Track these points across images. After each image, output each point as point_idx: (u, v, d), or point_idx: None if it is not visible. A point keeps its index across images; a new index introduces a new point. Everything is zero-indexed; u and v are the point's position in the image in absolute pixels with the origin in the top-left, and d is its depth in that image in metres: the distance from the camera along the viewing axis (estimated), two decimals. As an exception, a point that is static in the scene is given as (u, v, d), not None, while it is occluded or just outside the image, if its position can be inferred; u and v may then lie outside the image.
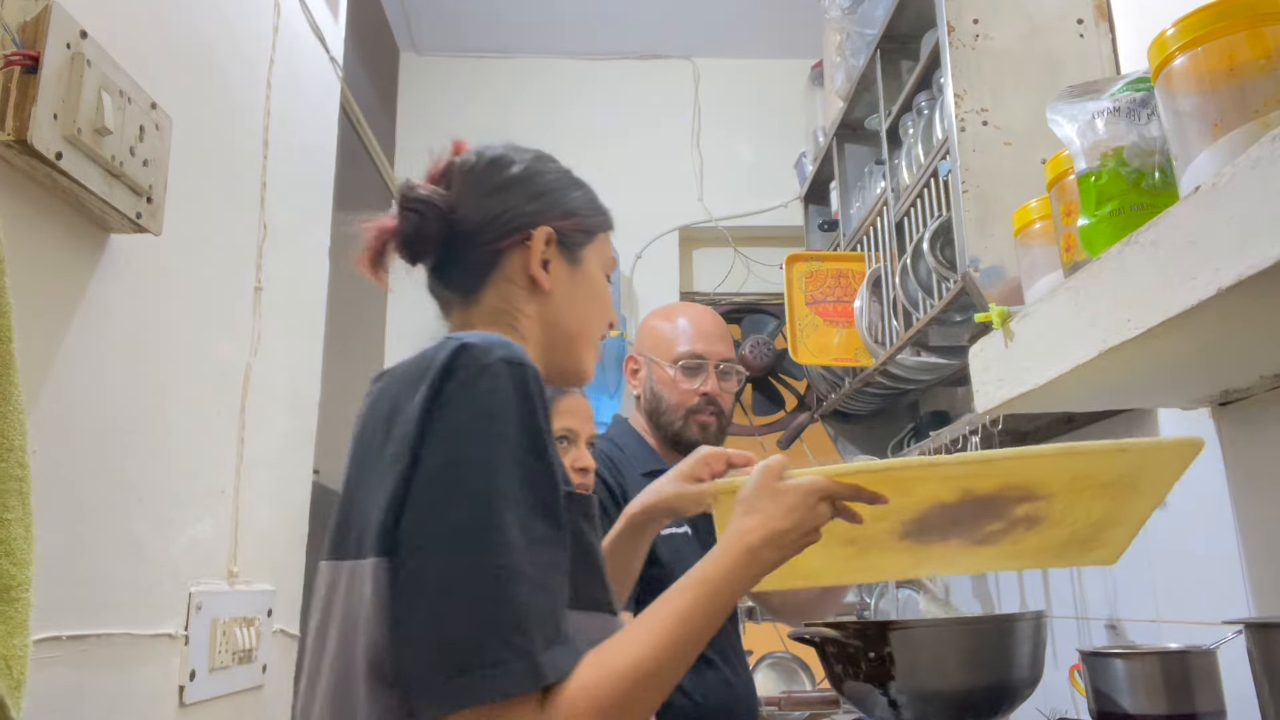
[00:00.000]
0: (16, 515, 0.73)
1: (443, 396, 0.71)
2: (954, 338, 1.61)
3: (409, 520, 0.70)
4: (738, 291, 3.03)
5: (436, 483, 0.70)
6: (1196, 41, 0.79)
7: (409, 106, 3.07)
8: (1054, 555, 1.07)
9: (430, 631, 0.67)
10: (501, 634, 0.65)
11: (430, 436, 0.71)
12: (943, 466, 0.92)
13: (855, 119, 2.14)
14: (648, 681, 0.70)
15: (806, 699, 2.18)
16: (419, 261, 0.93)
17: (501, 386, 0.72)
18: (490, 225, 0.91)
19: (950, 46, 1.44)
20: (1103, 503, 0.99)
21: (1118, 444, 0.92)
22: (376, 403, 0.80)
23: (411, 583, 0.68)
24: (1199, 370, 1.05)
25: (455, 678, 0.65)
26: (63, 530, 0.99)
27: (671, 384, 1.59)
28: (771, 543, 0.81)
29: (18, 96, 0.88)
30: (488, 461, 0.69)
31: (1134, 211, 0.90)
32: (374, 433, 0.77)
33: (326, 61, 1.91)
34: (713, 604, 0.76)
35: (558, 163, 0.99)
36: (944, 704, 1.20)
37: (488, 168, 0.94)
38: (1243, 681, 0.98)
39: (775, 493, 0.83)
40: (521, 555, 0.68)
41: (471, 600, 0.66)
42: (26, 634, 0.73)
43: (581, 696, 0.67)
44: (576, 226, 0.95)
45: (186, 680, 1.24)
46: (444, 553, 0.68)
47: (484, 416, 0.71)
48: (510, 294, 0.91)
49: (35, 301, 0.95)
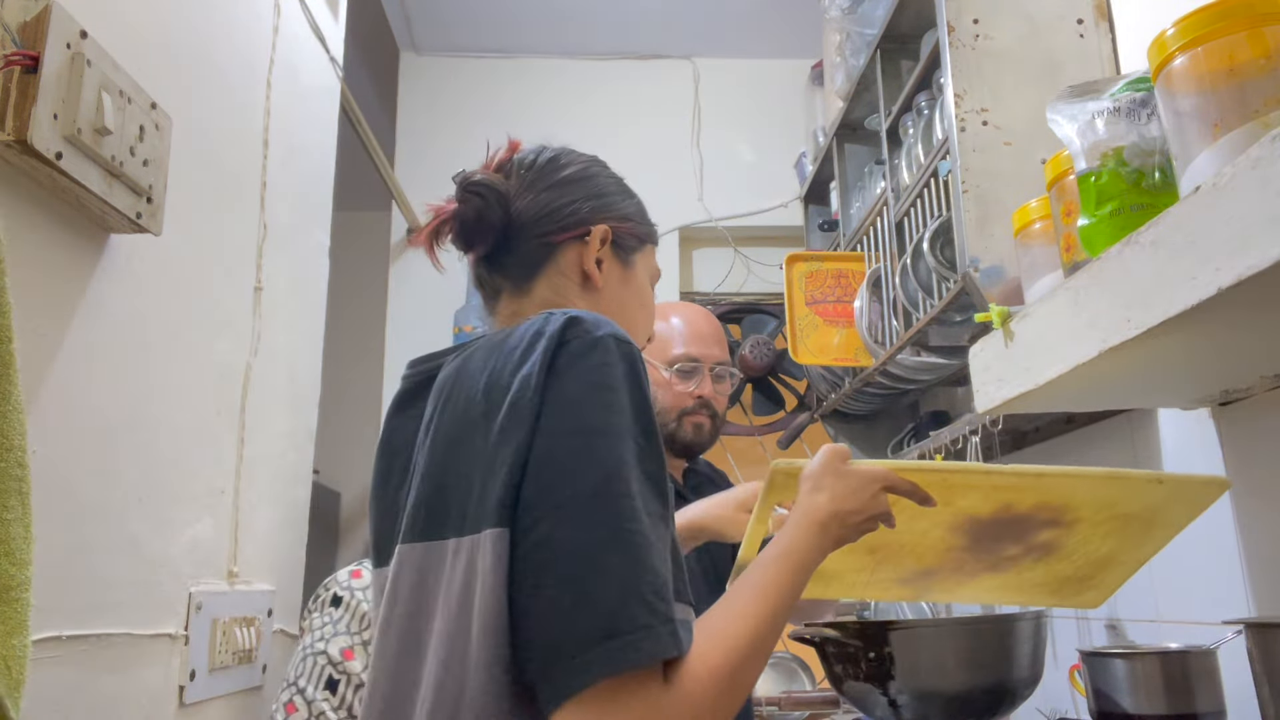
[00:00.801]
0: (16, 515, 0.73)
1: (558, 365, 0.71)
2: (954, 338, 1.61)
3: (532, 488, 0.68)
4: (738, 291, 3.03)
5: (561, 449, 0.68)
6: (1196, 41, 0.79)
7: (409, 106, 3.07)
8: (1050, 592, 1.10)
9: (569, 598, 0.64)
10: (644, 599, 0.64)
11: (547, 405, 0.70)
12: (997, 475, 0.94)
13: (855, 119, 2.14)
14: (753, 650, 0.71)
15: (806, 699, 2.18)
16: (472, 248, 0.93)
17: (614, 361, 0.71)
18: (548, 218, 0.92)
19: (950, 46, 1.44)
20: (1115, 540, 1.02)
21: (1156, 475, 0.96)
22: (464, 380, 0.78)
23: (542, 551, 0.66)
24: (1199, 370, 1.05)
25: (601, 642, 0.63)
26: (63, 530, 0.99)
27: (666, 386, 1.58)
28: (837, 519, 0.84)
29: (18, 96, 0.88)
30: (610, 430, 0.69)
31: (1134, 211, 0.90)
32: (474, 407, 0.75)
33: (326, 61, 1.91)
34: (796, 576, 0.79)
35: (612, 170, 1.01)
36: (944, 704, 1.20)
37: (548, 163, 0.96)
38: (1243, 681, 0.98)
39: (841, 473, 0.86)
40: (647, 524, 0.67)
41: (610, 565, 0.65)
42: (26, 634, 0.73)
43: (700, 665, 0.67)
44: (631, 231, 0.97)
45: (186, 680, 1.24)
46: (577, 519, 0.66)
47: (601, 387, 0.70)
48: (562, 287, 0.91)
49: (35, 301, 0.95)
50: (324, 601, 1.53)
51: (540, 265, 0.92)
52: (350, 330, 2.89)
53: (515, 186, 0.93)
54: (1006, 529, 0.99)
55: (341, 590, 1.53)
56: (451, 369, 0.82)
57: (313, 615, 1.53)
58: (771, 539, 0.83)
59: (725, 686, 0.67)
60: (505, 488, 0.69)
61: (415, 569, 0.76)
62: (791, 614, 0.78)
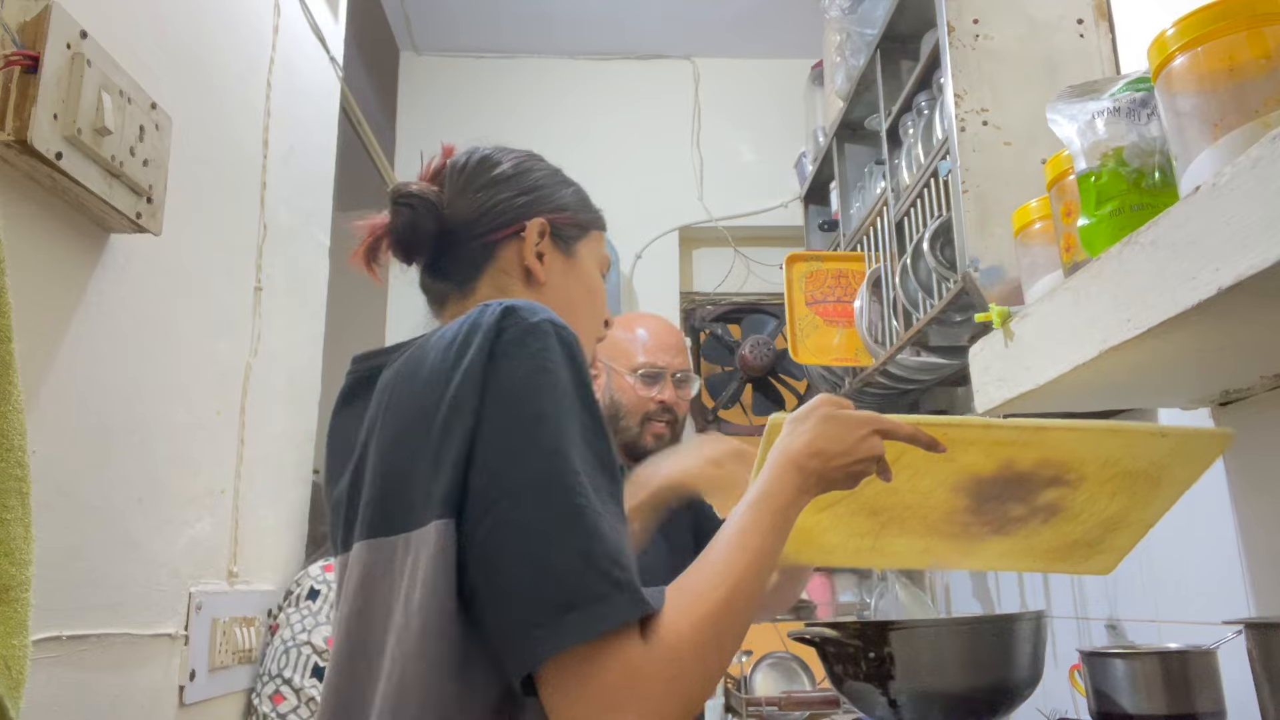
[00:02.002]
0: (16, 515, 0.73)
1: (496, 354, 0.72)
2: (954, 338, 1.61)
3: (480, 477, 0.69)
4: (738, 291, 3.03)
5: (507, 437, 0.69)
6: (1196, 41, 0.79)
7: (409, 106, 3.07)
8: (1059, 558, 1.08)
9: (527, 578, 0.65)
10: (600, 568, 0.65)
11: (489, 394, 0.71)
12: (997, 429, 0.92)
13: (855, 119, 2.14)
14: (735, 600, 0.70)
15: (806, 699, 2.18)
16: (412, 259, 0.94)
17: (552, 345, 0.72)
18: (483, 218, 0.92)
19: (950, 46, 1.44)
20: (1122, 499, 1.00)
21: (1159, 427, 0.95)
22: (404, 377, 0.78)
23: (498, 535, 0.67)
24: (1199, 370, 1.05)
25: (563, 615, 0.64)
26: (63, 530, 0.99)
27: (629, 391, 1.67)
28: (818, 458, 0.82)
29: (18, 96, 0.88)
30: (553, 414, 0.70)
31: (1134, 211, 0.89)
32: (415, 402, 0.75)
33: (326, 61, 1.91)
34: (775, 519, 0.77)
35: (547, 162, 1.01)
36: (944, 704, 1.20)
37: (478, 165, 0.96)
38: (1243, 681, 0.98)
39: (827, 417, 0.84)
40: (595, 498, 0.68)
41: (563, 541, 0.66)
42: (26, 634, 0.73)
43: (681, 621, 0.67)
44: (570, 220, 0.96)
45: (186, 680, 1.24)
46: (528, 501, 0.67)
47: (540, 371, 0.71)
48: (505, 285, 0.92)
49: (35, 301, 0.95)
50: (299, 595, 1.55)
51: (481, 266, 0.92)
52: (350, 330, 2.88)
53: (449, 192, 0.94)
54: (1010, 488, 0.97)
55: (317, 584, 1.56)
56: (393, 369, 0.82)
57: (288, 610, 1.54)
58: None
59: (709, 639, 0.67)
60: (451, 481, 0.69)
61: (363, 567, 0.76)
62: (773, 570, 0.78)
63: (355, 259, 0.94)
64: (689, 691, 0.66)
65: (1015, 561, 1.12)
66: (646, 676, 0.64)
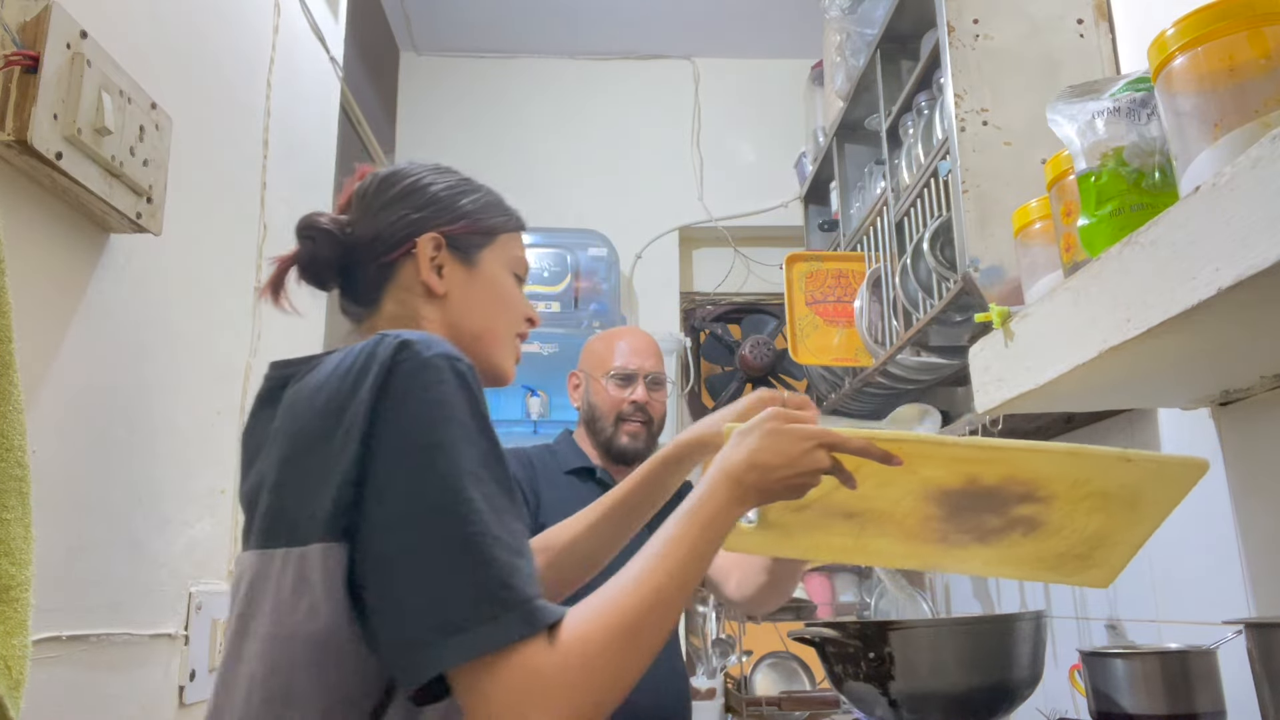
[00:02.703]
0: (16, 515, 0.73)
1: (391, 388, 0.73)
2: (954, 338, 1.61)
3: (377, 506, 0.71)
4: (738, 291, 3.03)
5: (401, 468, 0.72)
6: (1196, 41, 0.79)
7: (409, 106, 3.07)
8: (1049, 568, 1.07)
9: (420, 602, 0.68)
10: (489, 591, 0.68)
11: (382, 425, 0.73)
12: (951, 448, 0.92)
13: (855, 119, 2.14)
14: (654, 605, 0.73)
15: (806, 699, 2.18)
16: (323, 285, 0.98)
17: (446, 378, 0.74)
18: (378, 240, 0.95)
19: (950, 46, 1.44)
20: (1100, 517, 0.99)
21: (1123, 453, 0.92)
22: (304, 396, 0.80)
23: (394, 561, 0.70)
24: (1199, 370, 1.05)
25: (450, 636, 0.67)
26: (63, 530, 0.99)
27: (604, 393, 1.79)
28: (755, 470, 0.83)
29: (18, 96, 0.88)
30: (446, 444, 0.72)
31: (1134, 211, 0.90)
32: (310, 424, 0.78)
33: (326, 61, 1.91)
34: (704, 531, 0.79)
35: (457, 173, 1.02)
36: (944, 704, 1.20)
37: (378, 187, 0.98)
38: (1243, 681, 0.98)
39: (771, 432, 0.86)
40: (493, 522, 0.70)
41: (454, 568, 0.68)
42: (26, 634, 0.73)
43: (595, 623, 0.70)
44: (468, 229, 0.97)
45: (186, 680, 1.24)
46: (418, 529, 0.70)
47: (435, 404, 0.73)
48: (408, 302, 0.94)
49: (35, 301, 0.95)
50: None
51: (383, 286, 0.95)
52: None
53: (355, 216, 0.97)
54: (981, 500, 0.97)
55: None
56: (296, 386, 0.83)
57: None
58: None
59: (623, 644, 0.70)
60: (336, 504, 0.72)
61: (250, 575, 0.78)
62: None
63: (264, 292, 0.97)
64: (600, 692, 0.69)
65: (1003, 569, 1.10)
66: (551, 678, 0.67)
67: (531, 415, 2.60)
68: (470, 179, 1.02)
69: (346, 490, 0.72)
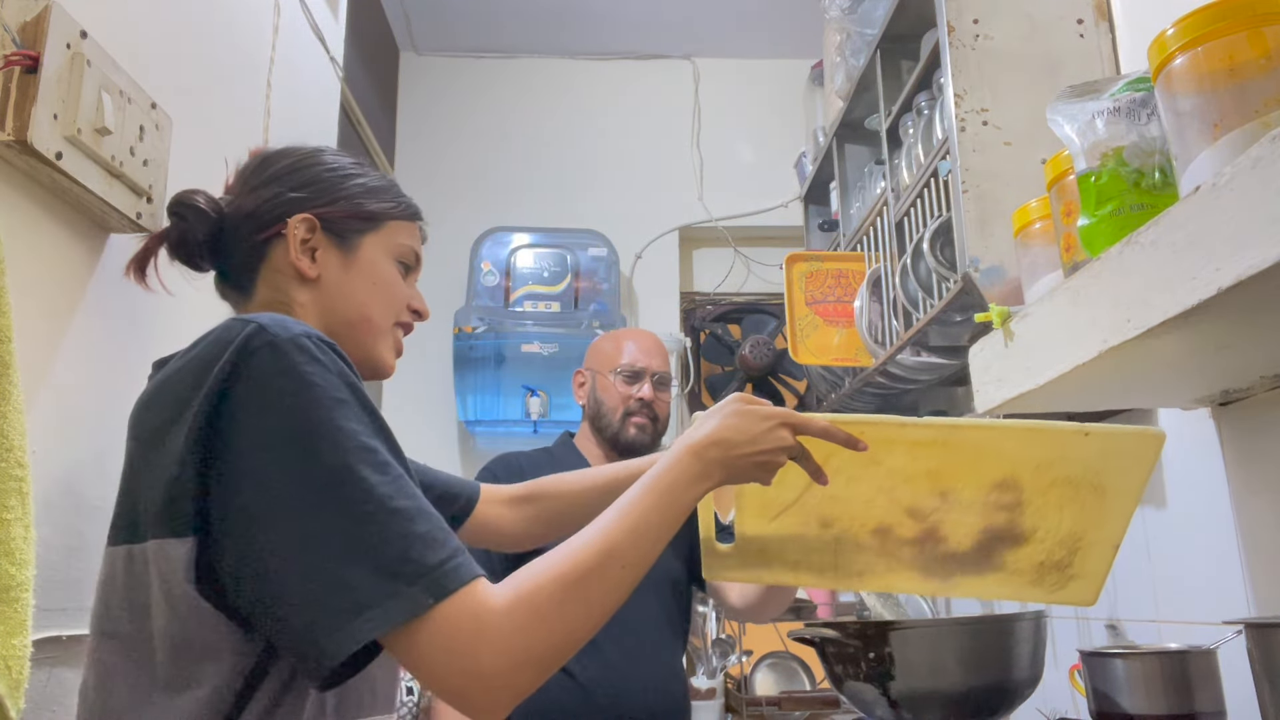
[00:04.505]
0: (16, 515, 0.73)
1: (247, 373, 0.70)
2: (954, 338, 1.61)
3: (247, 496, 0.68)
4: (738, 291, 3.03)
5: (271, 454, 0.68)
6: (1196, 41, 0.79)
7: (409, 106, 3.07)
8: (1031, 582, 1.08)
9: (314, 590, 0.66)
10: (388, 568, 0.66)
11: (243, 414, 0.69)
12: (912, 428, 0.94)
13: (855, 119, 2.14)
14: (602, 561, 0.73)
15: (806, 699, 2.18)
16: (195, 265, 0.94)
17: (311, 357, 0.71)
18: (250, 219, 0.91)
19: (950, 46, 1.44)
20: (1072, 510, 1.00)
21: (1081, 427, 0.94)
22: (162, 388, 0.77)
23: (273, 554, 0.67)
24: (1199, 370, 1.05)
25: (355, 617, 0.65)
26: (63, 530, 0.99)
27: (611, 389, 1.82)
28: (718, 446, 0.84)
29: (18, 96, 0.88)
30: (318, 425, 0.69)
31: (1134, 211, 0.90)
32: (154, 417, 0.75)
33: (326, 61, 1.91)
34: (661, 498, 0.80)
35: (344, 157, 0.98)
36: (944, 704, 1.20)
37: (258, 165, 0.95)
38: (1243, 681, 0.98)
39: (734, 412, 0.87)
40: (390, 494, 0.69)
41: (350, 548, 0.66)
42: (26, 634, 0.73)
43: (546, 574, 0.71)
44: (348, 214, 0.93)
45: (186, 680, 1.24)
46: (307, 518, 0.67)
47: (304, 386, 0.70)
48: (281, 284, 0.91)
49: (35, 301, 0.95)
50: None
51: (256, 267, 0.91)
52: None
53: (232, 195, 0.94)
54: (952, 511, 0.98)
55: None
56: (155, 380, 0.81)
57: None
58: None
59: (575, 593, 0.71)
60: (171, 499, 0.70)
61: (106, 571, 0.77)
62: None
63: (127, 270, 0.93)
64: (549, 638, 0.69)
65: (984, 589, 1.10)
66: (495, 625, 0.67)
67: (531, 415, 2.60)
68: (363, 164, 0.99)
69: (186, 484, 0.69)
